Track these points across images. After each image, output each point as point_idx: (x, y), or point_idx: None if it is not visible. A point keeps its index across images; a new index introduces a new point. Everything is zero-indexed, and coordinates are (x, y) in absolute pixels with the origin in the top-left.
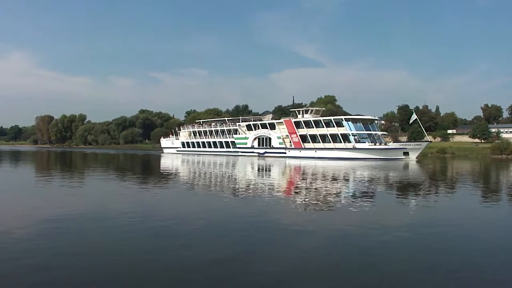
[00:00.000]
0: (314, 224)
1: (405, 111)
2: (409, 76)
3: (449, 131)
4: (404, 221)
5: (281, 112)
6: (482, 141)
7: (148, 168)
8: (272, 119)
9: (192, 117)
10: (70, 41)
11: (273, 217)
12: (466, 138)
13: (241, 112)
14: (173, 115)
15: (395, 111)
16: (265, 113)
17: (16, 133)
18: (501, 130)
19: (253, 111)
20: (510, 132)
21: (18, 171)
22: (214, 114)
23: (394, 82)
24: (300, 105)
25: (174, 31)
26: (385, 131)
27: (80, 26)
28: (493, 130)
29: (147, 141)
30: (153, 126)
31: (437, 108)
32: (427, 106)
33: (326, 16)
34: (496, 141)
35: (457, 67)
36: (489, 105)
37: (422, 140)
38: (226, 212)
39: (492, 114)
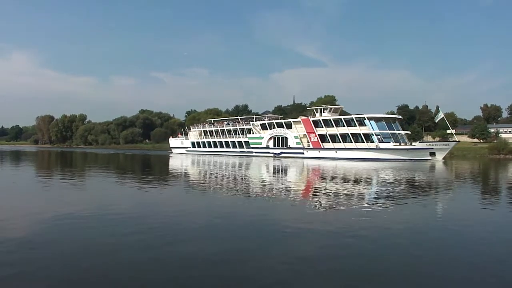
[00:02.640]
0: (327, 227)
1: (404, 111)
2: (410, 76)
3: (448, 131)
4: (425, 226)
5: (280, 112)
6: (481, 141)
7: (157, 170)
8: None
9: (192, 117)
10: (71, 41)
11: (285, 219)
12: (465, 138)
13: (240, 112)
14: (173, 115)
15: (395, 111)
16: (265, 113)
17: (17, 133)
18: (500, 130)
19: (253, 111)
20: (509, 132)
21: (19, 171)
22: (214, 114)
23: (395, 82)
24: (300, 105)
25: (176, 30)
26: None
27: (81, 26)
28: (492, 130)
29: (147, 141)
30: (153, 126)
31: (437, 108)
32: (427, 106)
33: (327, 16)
34: (494, 141)
35: (459, 66)
36: (489, 105)
37: (450, 140)
38: (233, 212)
39: (491, 114)
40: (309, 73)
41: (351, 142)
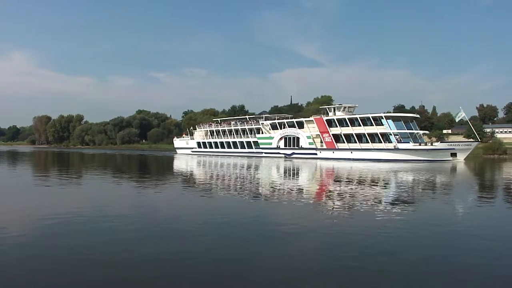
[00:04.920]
0: (337, 231)
1: (400, 111)
2: (409, 76)
3: (445, 131)
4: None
5: (277, 112)
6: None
7: (163, 172)
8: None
9: (188, 117)
10: (70, 40)
11: (293, 222)
12: (461, 138)
13: (237, 113)
14: (171, 115)
15: (391, 111)
16: (263, 113)
17: (14, 134)
18: (496, 130)
19: (250, 111)
20: (505, 132)
21: (13, 172)
22: (211, 114)
23: (394, 82)
24: (296, 105)
25: (175, 30)
26: None
27: (80, 26)
28: (488, 130)
29: (143, 141)
30: (150, 126)
31: (434, 108)
32: (423, 106)
33: (327, 16)
34: (490, 141)
35: (456, 67)
36: (485, 105)
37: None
38: (240, 214)
39: (487, 114)
40: (307, 73)
41: (368, 142)
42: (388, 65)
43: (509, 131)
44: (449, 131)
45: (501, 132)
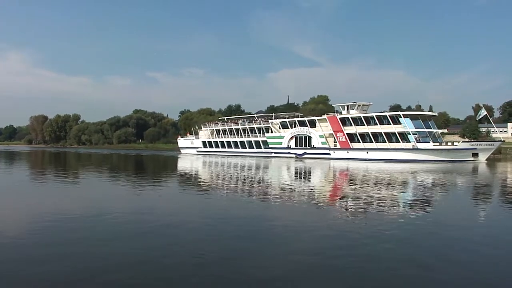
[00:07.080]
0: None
1: (397, 111)
2: (408, 76)
3: (440, 131)
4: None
5: (273, 111)
6: (472, 140)
7: (170, 173)
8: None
9: (185, 117)
10: (68, 40)
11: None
12: (456, 138)
13: (233, 112)
14: (167, 115)
15: (388, 111)
16: (259, 112)
17: (11, 133)
18: (492, 130)
19: (245, 111)
20: (501, 131)
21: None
22: (207, 114)
23: (392, 82)
24: (292, 105)
25: (173, 30)
26: None
27: (78, 26)
28: (483, 129)
29: (140, 141)
30: (146, 126)
31: (430, 107)
32: (420, 105)
33: (324, 16)
34: None
35: (454, 67)
36: (481, 105)
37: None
38: (243, 216)
39: None
40: (305, 73)
41: (384, 142)
42: (386, 65)
43: (504, 131)
44: (445, 130)
45: (496, 131)
